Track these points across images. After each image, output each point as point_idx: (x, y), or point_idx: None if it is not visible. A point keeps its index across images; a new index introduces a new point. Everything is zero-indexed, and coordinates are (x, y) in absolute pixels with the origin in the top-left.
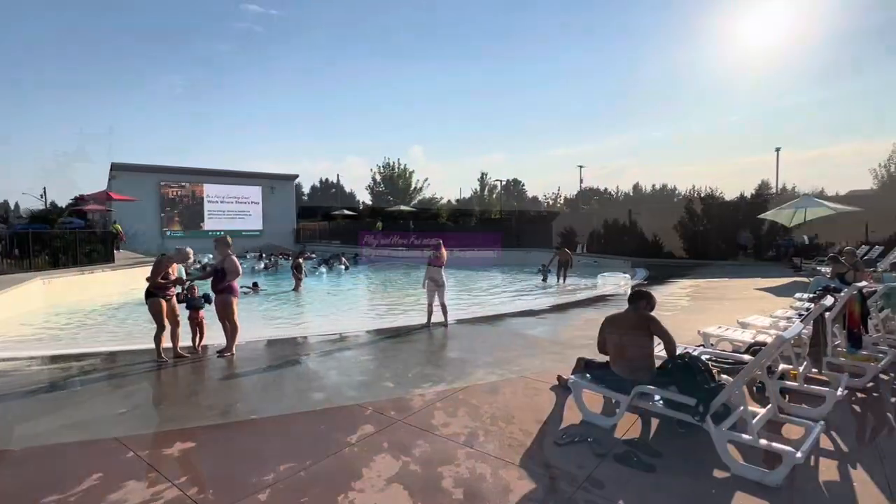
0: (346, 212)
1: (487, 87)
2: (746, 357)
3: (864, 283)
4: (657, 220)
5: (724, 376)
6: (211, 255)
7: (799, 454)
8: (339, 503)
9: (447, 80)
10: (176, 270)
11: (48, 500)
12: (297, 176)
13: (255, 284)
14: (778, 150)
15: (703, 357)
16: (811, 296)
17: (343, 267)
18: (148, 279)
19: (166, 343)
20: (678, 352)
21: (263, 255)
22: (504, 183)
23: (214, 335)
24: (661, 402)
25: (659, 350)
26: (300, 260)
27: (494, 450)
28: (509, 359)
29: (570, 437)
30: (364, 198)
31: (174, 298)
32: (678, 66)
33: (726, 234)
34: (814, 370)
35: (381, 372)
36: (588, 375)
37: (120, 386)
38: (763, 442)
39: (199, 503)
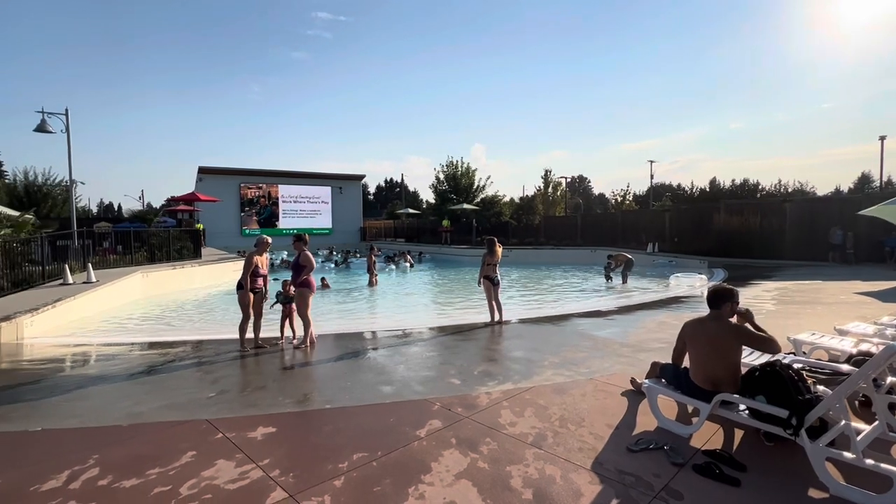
0: (410, 210)
1: (550, 84)
2: (846, 367)
3: None
4: (737, 217)
5: (821, 387)
6: (286, 252)
7: None
8: (410, 494)
9: (509, 78)
10: (265, 264)
11: (152, 472)
12: (363, 176)
13: (323, 279)
14: (883, 138)
15: (795, 366)
16: None
17: (408, 265)
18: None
19: (249, 334)
20: (766, 360)
21: (334, 252)
22: (568, 180)
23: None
24: (746, 412)
25: (744, 358)
26: (374, 257)
27: (564, 452)
28: (577, 360)
29: (644, 444)
30: (427, 196)
31: (261, 291)
32: (760, 50)
33: (818, 233)
34: None
35: (447, 368)
36: (663, 381)
37: (208, 372)
38: (869, 462)
39: (280, 485)
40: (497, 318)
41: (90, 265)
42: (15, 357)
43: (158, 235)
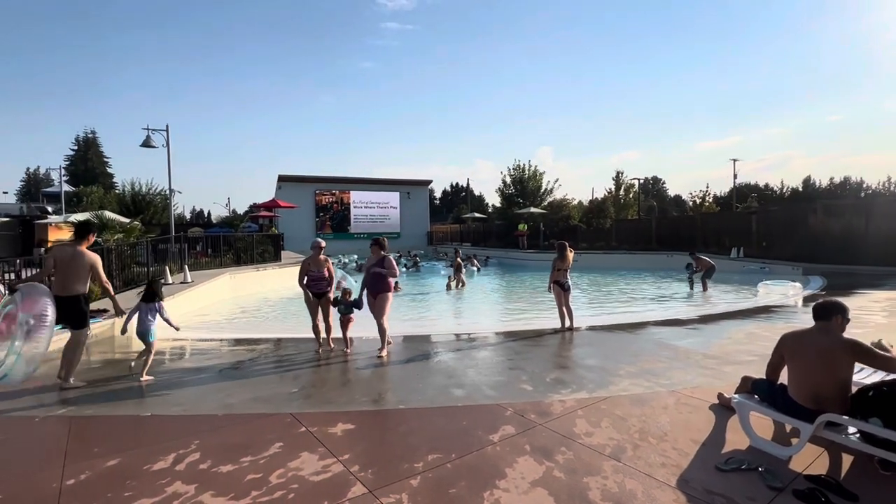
0: (476, 214)
1: (621, 81)
2: None
3: None
4: (837, 218)
5: None
6: (356, 256)
7: None
8: (485, 499)
9: (578, 78)
10: (327, 266)
11: (245, 460)
12: (430, 182)
13: (396, 283)
14: None
15: None
16: None
17: (475, 269)
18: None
19: (322, 334)
20: (880, 378)
21: (402, 257)
22: (641, 181)
23: (358, 330)
24: (857, 435)
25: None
26: (459, 260)
27: (645, 467)
28: (655, 370)
29: (735, 464)
30: (493, 200)
31: (327, 295)
32: (863, 33)
33: None
34: None
35: (517, 374)
36: (756, 396)
37: (289, 369)
38: None
39: (360, 480)
40: (567, 324)
41: (186, 267)
42: (125, 349)
43: (244, 240)
